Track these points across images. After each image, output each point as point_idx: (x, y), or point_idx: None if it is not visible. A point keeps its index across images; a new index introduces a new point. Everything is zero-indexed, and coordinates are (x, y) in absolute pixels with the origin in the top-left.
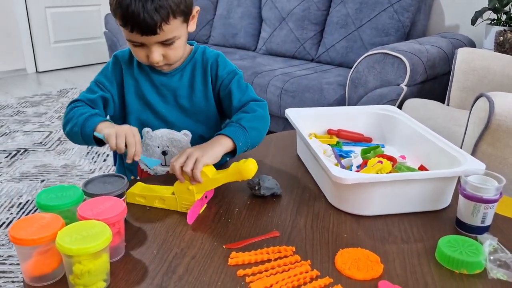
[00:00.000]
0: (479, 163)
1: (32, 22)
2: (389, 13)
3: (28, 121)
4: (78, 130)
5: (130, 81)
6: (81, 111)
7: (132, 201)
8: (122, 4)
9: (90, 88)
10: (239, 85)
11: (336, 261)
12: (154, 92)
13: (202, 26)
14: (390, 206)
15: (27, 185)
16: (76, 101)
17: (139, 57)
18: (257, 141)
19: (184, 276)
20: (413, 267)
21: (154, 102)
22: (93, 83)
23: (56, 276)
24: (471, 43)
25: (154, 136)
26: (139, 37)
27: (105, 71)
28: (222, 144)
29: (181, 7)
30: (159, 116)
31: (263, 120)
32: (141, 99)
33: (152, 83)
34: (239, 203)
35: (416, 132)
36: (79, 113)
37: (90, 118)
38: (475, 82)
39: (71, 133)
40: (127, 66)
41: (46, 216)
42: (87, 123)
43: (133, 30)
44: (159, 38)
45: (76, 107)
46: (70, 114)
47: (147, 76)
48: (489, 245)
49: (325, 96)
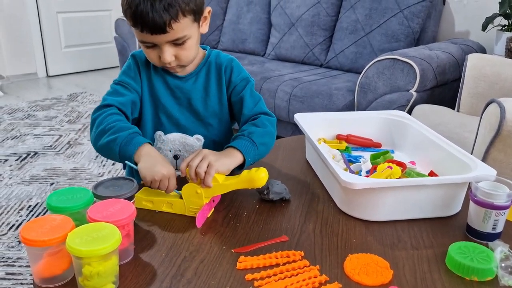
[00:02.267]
0: (490, 169)
1: (44, 26)
2: (399, 19)
3: (39, 125)
4: (117, 148)
5: (146, 81)
6: (121, 124)
7: (139, 205)
8: (132, 4)
9: (117, 90)
10: (252, 93)
11: (345, 267)
12: (168, 94)
13: (212, 31)
14: (399, 211)
15: (36, 188)
16: (107, 106)
17: (151, 59)
18: (263, 156)
19: (193, 279)
20: (423, 274)
21: (168, 104)
22: (117, 86)
23: (66, 278)
24: (481, 49)
25: (166, 140)
26: (149, 37)
27: (128, 71)
28: (234, 157)
29: (191, 6)
30: (172, 119)
31: (271, 136)
32: (155, 101)
33: (167, 86)
34: (248, 208)
35: (426, 138)
36: (118, 127)
37: (132, 139)
38: (486, 88)
39: (106, 146)
40: (144, 66)
41: (56, 218)
42: (129, 145)
43: (143, 30)
44: (169, 37)
45: (111, 114)
46: (105, 122)
47: (162, 79)
48: (500, 252)
49: (334, 101)
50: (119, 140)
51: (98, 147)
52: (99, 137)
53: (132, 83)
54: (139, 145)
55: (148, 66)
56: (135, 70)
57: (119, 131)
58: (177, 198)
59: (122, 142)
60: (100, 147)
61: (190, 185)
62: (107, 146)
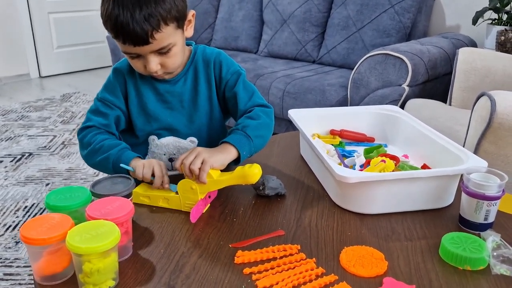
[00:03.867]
0: (481, 161)
1: (35, 27)
2: (390, 14)
3: (32, 126)
4: (110, 165)
5: (133, 92)
6: (108, 143)
7: (136, 200)
8: (111, 16)
9: (98, 109)
10: (245, 87)
11: (341, 259)
12: (158, 100)
13: (204, 29)
14: (393, 204)
15: (32, 188)
16: (90, 127)
17: (137, 68)
18: (260, 148)
19: (191, 274)
20: (417, 264)
21: (158, 111)
22: (99, 103)
23: (67, 275)
24: (472, 43)
25: (160, 144)
26: (132, 48)
27: (108, 86)
28: (229, 152)
29: (173, 13)
30: (164, 125)
31: (267, 127)
32: (144, 110)
33: (156, 92)
34: (244, 203)
35: (418, 132)
36: (107, 145)
37: (123, 153)
38: (477, 82)
39: (99, 164)
40: (129, 76)
41: (55, 217)
42: (121, 158)
43: (125, 42)
44: (153, 47)
45: (96, 134)
46: (95, 144)
47: (150, 85)
48: (492, 241)
49: (327, 97)
50: (110, 158)
51: (91, 165)
52: (91, 156)
53: (113, 99)
54: (130, 160)
55: (134, 75)
56: (115, 85)
57: (109, 149)
58: (173, 194)
59: (113, 159)
60: (94, 165)
61: (185, 181)
62: (100, 164)
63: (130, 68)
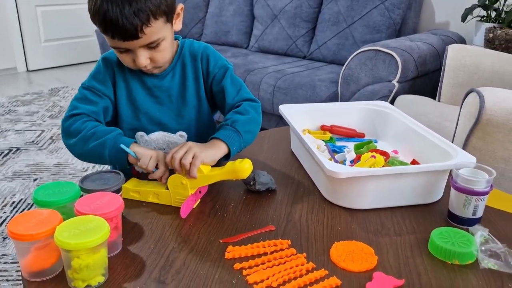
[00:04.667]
0: (470, 157)
1: (22, 20)
2: (380, 10)
3: (20, 120)
4: (106, 151)
5: (122, 84)
6: (101, 128)
7: (126, 196)
8: (100, 11)
9: (86, 97)
10: (233, 81)
11: (331, 254)
12: (146, 94)
13: (194, 24)
14: (383, 199)
15: (20, 184)
16: (78, 114)
17: (126, 63)
18: (249, 143)
19: (182, 270)
20: (407, 259)
21: (147, 106)
22: (87, 91)
23: (55, 271)
24: (461, 40)
25: (149, 140)
26: (121, 43)
27: (97, 75)
28: (219, 147)
29: (162, 8)
30: (153, 119)
31: (256, 123)
32: (132, 105)
33: (145, 86)
34: (235, 198)
35: (408, 127)
36: (101, 131)
37: (120, 139)
38: (466, 78)
39: (91, 151)
40: (118, 68)
41: (43, 212)
42: (118, 143)
43: (114, 37)
44: (142, 42)
45: (86, 121)
46: (86, 131)
47: (139, 79)
48: (480, 236)
49: (318, 93)
50: (107, 144)
51: (79, 154)
52: (81, 144)
53: (102, 88)
54: (129, 145)
55: (123, 67)
56: (105, 75)
57: (104, 134)
58: (163, 189)
59: (110, 145)
60: (84, 153)
61: (176, 176)
62: (92, 151)
63: (119, 60)
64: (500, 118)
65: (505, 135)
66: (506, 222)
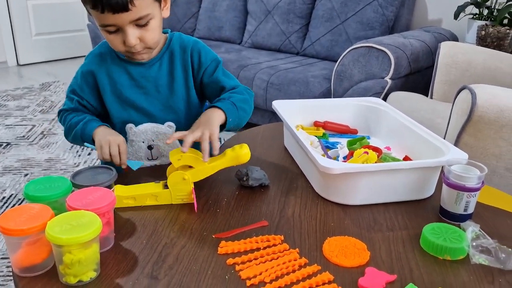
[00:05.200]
0: (462, 153)
1: (13, 14)
2: (373, 7)
3: (10, 115)
4: (80, 140)
5: (105, 80)
6: (75, 119)
7: (120, 205)
8: None
9: (68, 95)
10: (224, 73)
11: (323, 249)
12: (132, 85)
13: (188, 19)
14: (376, 195)
15: (10, 179)
16: (63, 110)
17: (115, 45)
18: (241, 123)
19: (174, 265)
20: (399, 254)
21: (134, 97)
22: (72, 88)
23: (46, 266)
24: (453, 37)
25: (138, 131)
26: (111, 17)
27: (79, 80)
28: (218, 115)
29: None
30: (141, 111)
31: (249, 105)
32: (119, 97)
33: (130, 77)
34: (228, 194)
35: (401, 124)
36: (74, 122)
37: (86, 126)
38: (458, 75)
39: (75, 142)
40: (99, 67)
41: (35, 207)
42: (85, 131)
43: (104, 10)
44: (132, 15)
45: (66, 115)
46: (66, 123)
47: (124, 70)
48: (471, 232)
49: (311, 89)
50: (78, 134)
51: (70, 142)
52: (67, 135)
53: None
54: (92, 130)
55: (105, 62)
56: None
57: (75, 125)
58: (161, 189)
59: (80, 134)
60: (72, 142)
61: (176, 173)
62: (74, 142)
63: (100, 58)
64: (492, 115)
65: (497, 132)
66: (497, 218)
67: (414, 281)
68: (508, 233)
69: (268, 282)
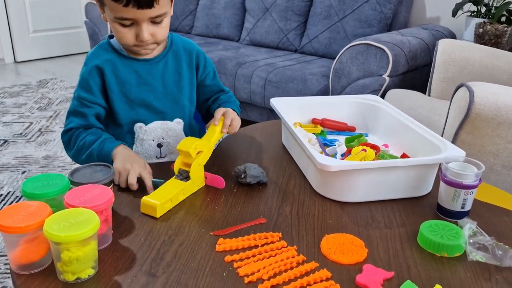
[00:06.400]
0: (459, 151)
1: (10, 11)
2: (371, 4)
3: (8, 112)
4: (95, 159)
5: (112, 79)
6: (89, 138)
7: (162, 212)
8: None
9: (76, 110)
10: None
11: (321, 246)
12: (140, 83)
13: (185, 16)
14: (373, 192)
15: (7, 176)
16: (71, 129)
17: (126, 38)
18: None
19: (173, 262)
20: (396, 251)
21: (142, 95)
22: (77, 102)
23: (44, 264)
24: (451, 35)
25: (148, 130)
26: (132, 12)
27: (82, 83)
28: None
29: None
30: (149, 108)
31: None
32: (126, 97)
33: (138, 75)
34: (226, 191)
35: (398, 121)
36: (89, 141)
37: (104, 145)
38: (455, 73)
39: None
40: (106, 65)
41: (33, 204)
42: (102, 151)
43: (129, 4)
44: (153, 13)
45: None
46: (78, 142)
47: (131, 68)
48: (468, 229)
49: (309, 86)
50: (94, 154)
51: (81, 163)
52: (77, 156)
53: (89, 97)
54: (111, 150)
55: (111, 62)
56: (89, 82)
57: (90, 145)
58: (184, 182)
59: (97, 153)
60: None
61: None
62: (87, 162)
63: (106, 56)
64: (489, 113)
65: (494, 130)
66: (494, 215)
67: (411, 278)
68: (505, 230)
69: (266, 279)
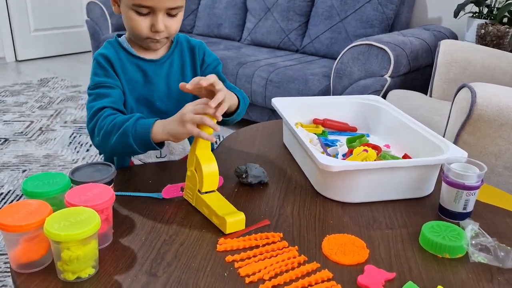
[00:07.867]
0: (461, 151)
1: (11, 9)
2: (373, 5)
3: (8, 111)
4: (130, 140)
5: (123, 77)
6: (120, 118)
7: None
8: None
9: (99, 94)
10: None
11: (323, 247)
12: (145, 82)
13: (187, 15)
14: (375, 193)
15: (8, 175)
16: (96, 112)
17: (140, 27)
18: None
19: (173, 262)
20: (398, 252)
21: (146, 94)
22: (97, 89)
23: (44, 263)
24: (453, 36)
25: None
26: (152, 0)
27: (98, 71)
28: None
29: None
30: (152, 108)
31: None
32: (133, 95)
33: (144, 74)
34: (227, 191)
35: (400, 122)
36: (120, 121)
37: (139, 123)
38: (457, 74)
39: (117, 144)
40: (116, 61)
41: (33, 203)
42: (140, 130)
43: None
44: (172, 3)
45: (105, 117)
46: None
47: (137, 68)
48: (470, 230)
49: (310, 87)
50: (128, 131)
51: (108, 149)
52: (106, 140)
53: (107, 80)
54: (150, 124)
55: (120, 60)
56: (105, 69)
57: (122, 124)
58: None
59: (132, 132)
60: (111, 147)
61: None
62: (119, 142)
63: (116, 55)
64: (491, 114)
65: (496, 131)
66: (496, 216)
67: (413, 279)
68: (507, 231)
69: (267, 280)
